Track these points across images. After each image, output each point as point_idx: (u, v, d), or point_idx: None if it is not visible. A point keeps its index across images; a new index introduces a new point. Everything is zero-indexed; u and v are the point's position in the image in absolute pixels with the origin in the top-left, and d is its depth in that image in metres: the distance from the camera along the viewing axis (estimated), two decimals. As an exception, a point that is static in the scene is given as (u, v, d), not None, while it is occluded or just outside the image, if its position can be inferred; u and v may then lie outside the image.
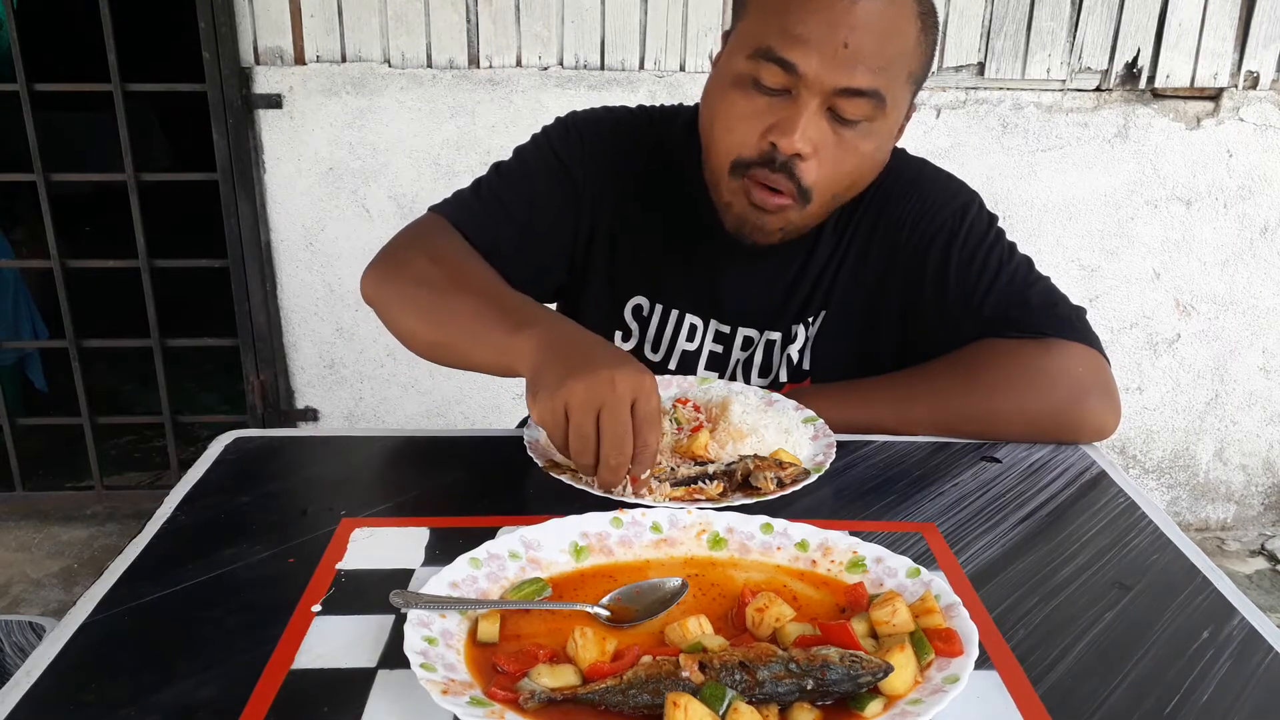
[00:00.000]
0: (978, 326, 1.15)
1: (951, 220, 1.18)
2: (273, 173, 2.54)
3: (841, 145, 1.05)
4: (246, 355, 2.68)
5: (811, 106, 1.02)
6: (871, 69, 1.01)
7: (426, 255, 1.12)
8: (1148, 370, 2.80)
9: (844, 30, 0.99)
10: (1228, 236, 2.69)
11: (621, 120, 1.25)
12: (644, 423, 0.88)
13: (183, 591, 0.81)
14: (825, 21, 0.99)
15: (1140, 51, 2.52)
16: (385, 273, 1.13)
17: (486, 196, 1.20)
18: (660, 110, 1.27)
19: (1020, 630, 0.77)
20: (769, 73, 1.02)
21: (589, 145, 1.22)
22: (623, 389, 0.86)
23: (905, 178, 1.21)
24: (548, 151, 1.22)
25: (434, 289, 1.08)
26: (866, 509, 0.95)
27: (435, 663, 0.67)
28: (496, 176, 1.22)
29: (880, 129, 1.06)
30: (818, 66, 1.00)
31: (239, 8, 2.41)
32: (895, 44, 1.02)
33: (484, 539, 0.81)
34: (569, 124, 1.24)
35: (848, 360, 1.22)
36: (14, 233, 3.10)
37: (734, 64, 1.05)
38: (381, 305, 1.14)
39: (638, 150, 1.23)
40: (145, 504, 2.68)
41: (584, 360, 0.89)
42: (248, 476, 1.00)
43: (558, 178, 1.21)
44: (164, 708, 0.68)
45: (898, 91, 1.05)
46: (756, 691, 0.64)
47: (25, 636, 1.80)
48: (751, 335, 1.23)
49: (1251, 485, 2.94)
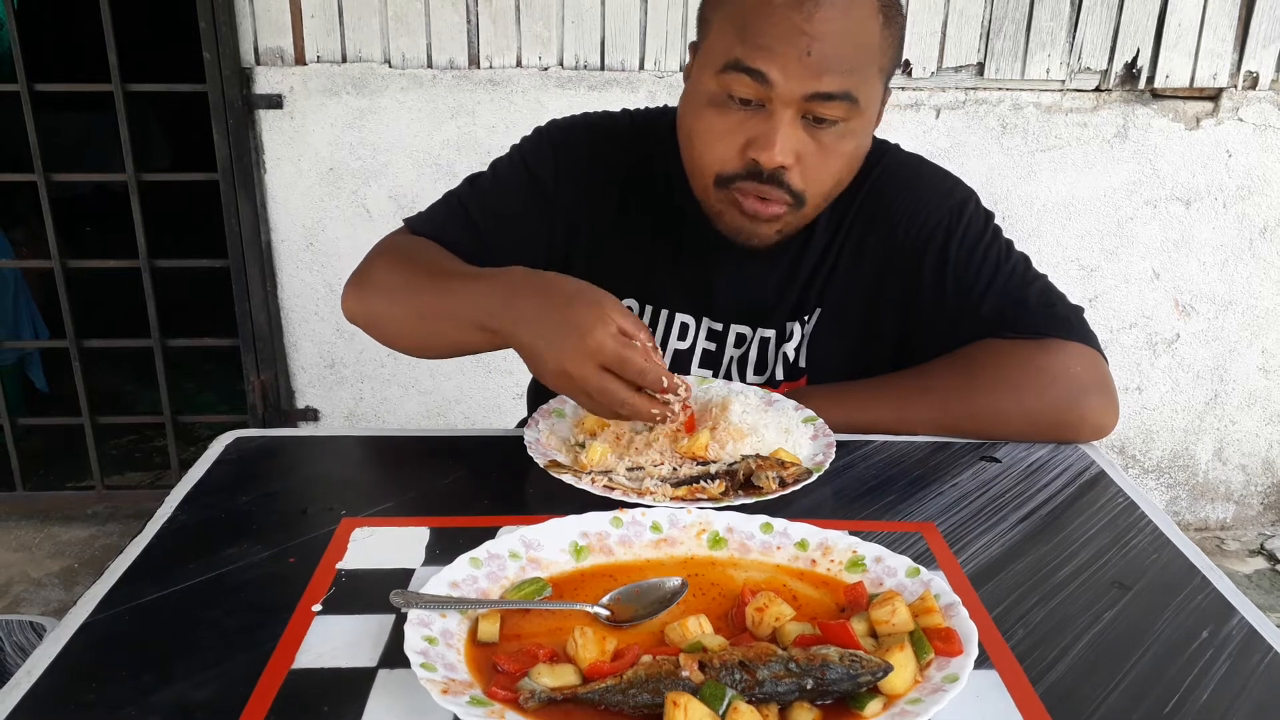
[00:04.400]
0: (976, 325, 1.15)
1: (948, 218, 1.18)
2: (273, 173, 2.54)
3: (822, 149, 1.05)
4: (247, 355, 2.68)
5: (786, 117, 1.02)
6: (839, 72, 1.01)
7: (390, 261, 1.16)
8: (1147, 370, 2.80)
9: (806, 39, 0.99)
10: (1227, 236, 2.69)
11: (599, 126, 1.25)
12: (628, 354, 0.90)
13: (183, 591, 0.81)
14: (787, 31, 0.99)
15: (1140, 51, 2.52)
16: (356, 289, 1.18)
17: (454, 206, 1.23)
18: (643, 113, 1.28)
19: (1020, 630, 0.77)
20: (740, 84, 1.02)
21: (562, 156, 1.22)
22: (599, 335, 0.90)
23: (901, 175, 1.21)
24: (520, 165, 1.24)
25: (401, 284, 1.12)
26: (866, 508, 0.96)
27: (435, 662, 0.68)
28: (469, 188, 1.25)
29: (857, 126, 1.07)
30: (785, 76, 1.00)
31: (239, 8, 2.41)
32: (859, 44, 1.02)
33: (484, 539, 0.81)
34: (543, 135, 1.25)
35: (845, 359, 1.22)
36: (14, 233, 3.10)
37: (705, 81, 1.06)
38: (362, 319, 1.18)
39: (620, 153, 1.23)
40: (146, 504, 2.68)
41: (546, 320, 0.93)
42: (248, 476, 1.01)
43: (528, 190, 1.22)
44: (164, 708, 0.68)
45: (869, 88, 1.05)
46: (756, 691, 0.65)
47: (25, 636, 1.80)
48: (744, 332, 1.23)
49: (1251, 485, 2.94)
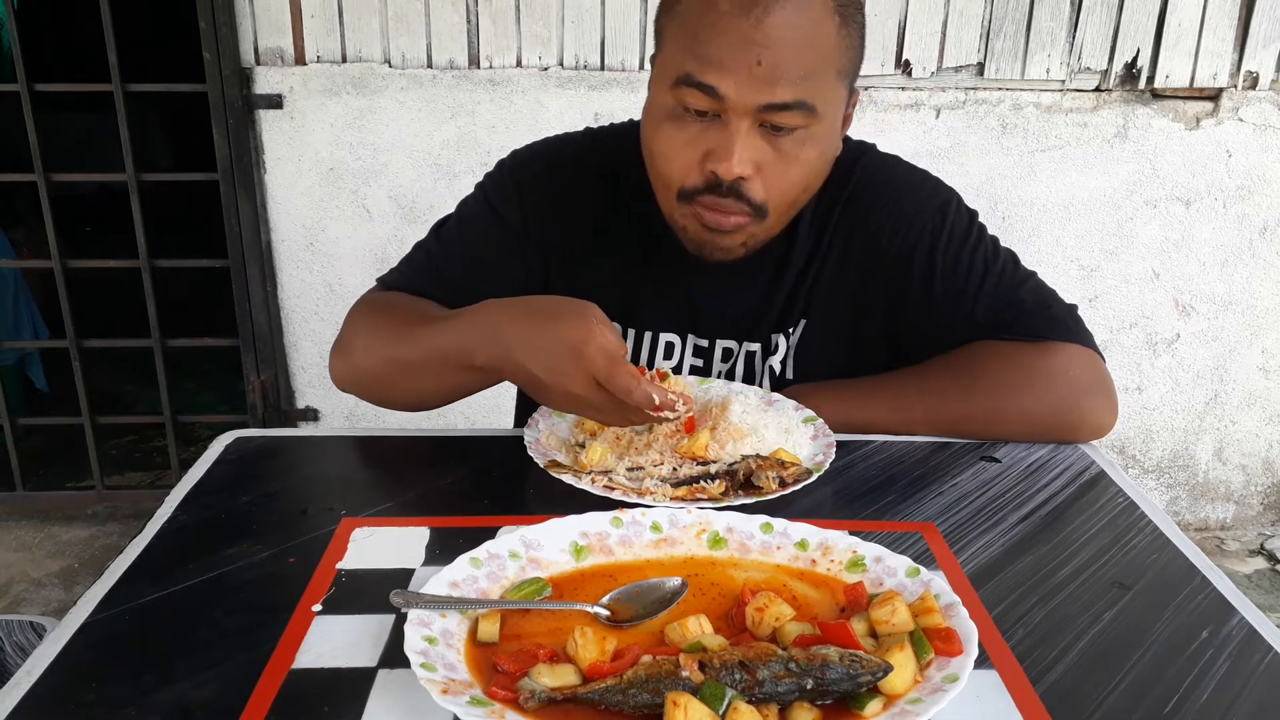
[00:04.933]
0: (970, 329, 1.15)
1: (932, 223, 1.16)
2: (273, 173, 2.54)
3: (783, 158, 1.03)
4: (247, 355, 2.68)
5: (742, 128, 1.00)
6: (791, 80, 0.98)
7: (367, 321, 1.14)
8: (1147, 370, 2.80)
9: (755, 49, 0.96)
10: (1227, 236, 2.69)
11: (561, 153, 1.23)
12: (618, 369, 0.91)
13: (183, 591, 0.81)
14: (735, 42, 0.97)
15: (1140, 52, 2.52)
16: (339, 356, 1.15)
17: (424, 258, 1.22)
18: (606, 130, 1.26)
19: (1020, 630, 0.77)
20: (693, 98, 1.01)
21: (526, 190, 1.21)
22: (591, 353, 0.91)
23: (879, 179, 1.19)
24: (484, 205, 1.22)
25: (381, 341, 1.10)
26: (866, 508, 0.95)
27: (435, 662, 0.68)
28: (436, 239, 1.23)
29: (819, 132, 1.04)
30: (736, 88, 0.98)
31: (239, 8, 2.41)
32: (812, 50, 0.99)
33: (484, 539, 0.81)
34: (505, 170, 1.23)
35: (833, 370, 1.20)
36: (14, 233, 3.11)
37: (661, 95, 1.05)
38: (352, 385, 1.15)
39: (586, 176, 1.21)
40: (146, 504, 2.68)
41: (537, 344, 0.94)
42: (248, 476, 1.01)
43: (497, 231, 1.20)
44: (164, 708, 0.68)
45: (827, 93, 1.02)
46: (756, 691, 0.65)
47: (26, 636, 1.80)
48: (730, 346, 1.22)
49: (1251, 485, 2.94)
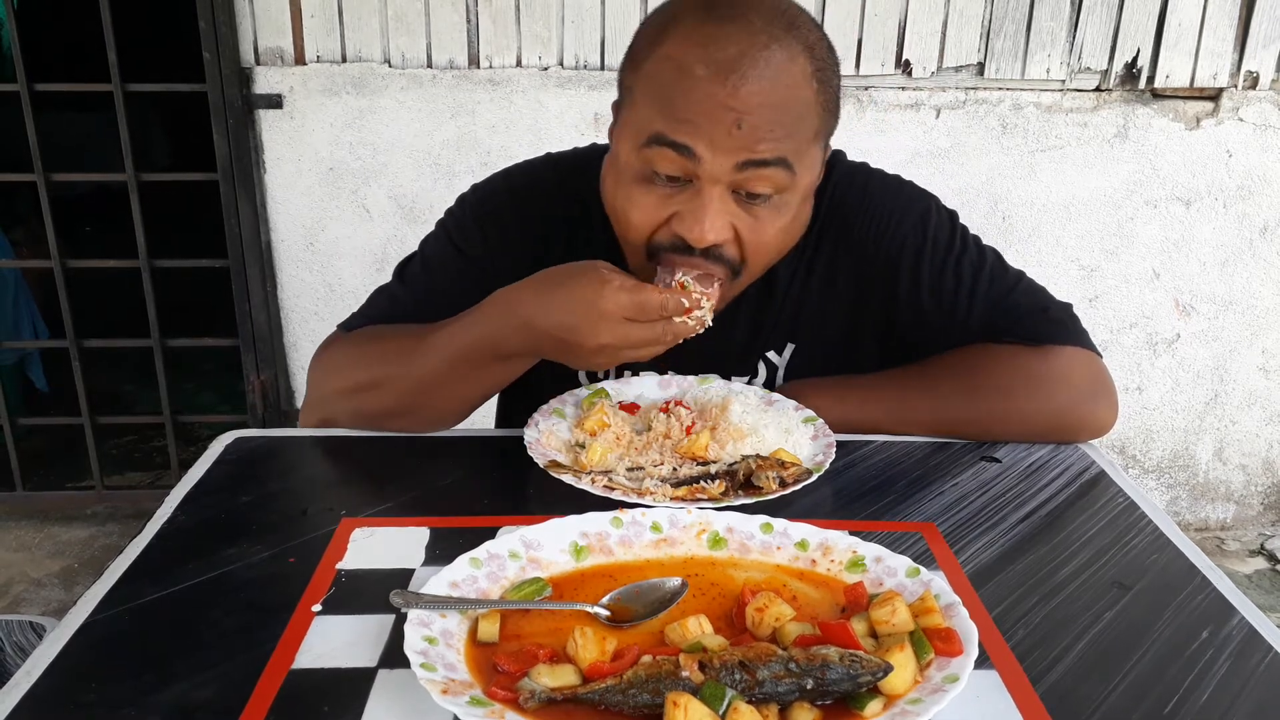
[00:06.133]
0: (966, 337, 1.14)
1: (914, 235, 1.14)
2: (273, 173, 2.54)
3: (758, 223, 0.99)
4: (247, 355, 2.68)
5: (715, 194, 0.96)
6: (771, 141, 0.94)
7: (350, 359, 1.11)
8: (1147, 370, 2.80)
9: (735, 112, 0.92)
10: (1227, 236, 2.69)
11: (524, 184, 1.19)
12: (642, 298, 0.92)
13: (183, 591, 0.81)
14: (714, 106, 0.92)
15: (1140, 51, 2.52)
16: (323, 406, 1.12)
17: (389, 301, 1.18)
18: (568, 156, 1.21)
19: (1020, 630, 0.77)
20: (664, 159, 0.96)
21: (489, 226, 1.16)
22: (609, 296, 0.92)
23: (853, 195, 1.15)
24: (447, 244, 1.18)
25: (382, 374, 1.07)
26: (866, 509, 0.96)
27: (435, 662, 0.68)
28: (400, 282, 1.19)
29: (793, 199, 1.00)
30: (713, 151, 0.94)
31: (239, 8, 2.41)
32: (791, 113, 0.96)
33: (484, 539, 0.81)
34: (466, 206, 1.19)
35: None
36: (14, 233, 3.11)
37: (628, 155, 0.99)
38: (356, 421, 1.10)
39: (550, 207, 1.16)
40: (145, 504, 2.67)
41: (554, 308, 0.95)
42: (248, 476, 1.01)
43: (461, 270, 1.16)
44: (164, 708, 0.68)
45: (804, 153, 0.98)
46: (756, 691, 0.65)
47: (25, 636, 1.80)
48: (715, 380, 1.18)
49: (1251, 485, 2.94)
